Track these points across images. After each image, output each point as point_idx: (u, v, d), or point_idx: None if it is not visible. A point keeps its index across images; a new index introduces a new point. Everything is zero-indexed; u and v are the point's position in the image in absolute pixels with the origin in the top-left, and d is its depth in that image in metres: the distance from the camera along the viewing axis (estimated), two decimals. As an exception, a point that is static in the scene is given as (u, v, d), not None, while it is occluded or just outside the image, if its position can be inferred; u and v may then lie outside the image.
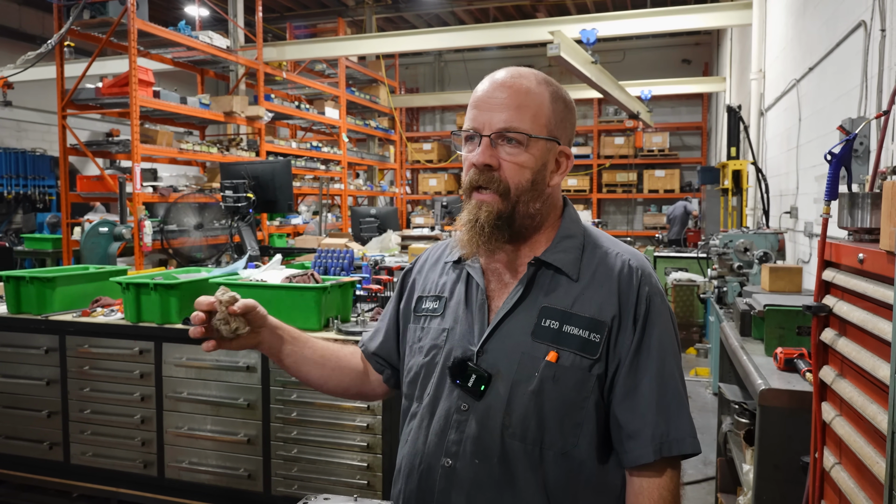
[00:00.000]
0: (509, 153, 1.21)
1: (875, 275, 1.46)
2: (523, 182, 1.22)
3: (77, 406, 3.48)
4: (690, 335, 7.16)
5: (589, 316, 1.21)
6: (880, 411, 1.38)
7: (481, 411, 1.21)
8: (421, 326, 1.36)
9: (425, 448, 1.26)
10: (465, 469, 1.21)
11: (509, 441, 1.19)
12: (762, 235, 4.09)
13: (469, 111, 1.26)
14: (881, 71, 3.04)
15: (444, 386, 1.26)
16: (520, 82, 1.23)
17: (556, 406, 1.19)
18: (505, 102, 1.21)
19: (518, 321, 1.23)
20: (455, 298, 1.33)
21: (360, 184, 13.27)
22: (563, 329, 1.20)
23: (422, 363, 1.32)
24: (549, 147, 1.24)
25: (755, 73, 6.80)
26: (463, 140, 1.27)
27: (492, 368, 1.22)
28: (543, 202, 1.26)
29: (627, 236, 15.33)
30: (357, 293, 3.57)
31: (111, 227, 6.62)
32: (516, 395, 1.19)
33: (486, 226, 1.21)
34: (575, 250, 1.27)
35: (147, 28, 7.30)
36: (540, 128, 1.22)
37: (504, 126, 1.20)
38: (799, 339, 2.41)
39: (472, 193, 1.24)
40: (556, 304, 1.22)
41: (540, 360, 1.19)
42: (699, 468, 4.04)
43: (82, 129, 11.89)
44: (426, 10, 13.47)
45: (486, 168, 1.21)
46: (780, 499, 2.05)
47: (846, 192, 1.80)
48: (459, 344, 1.26)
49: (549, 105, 1.24)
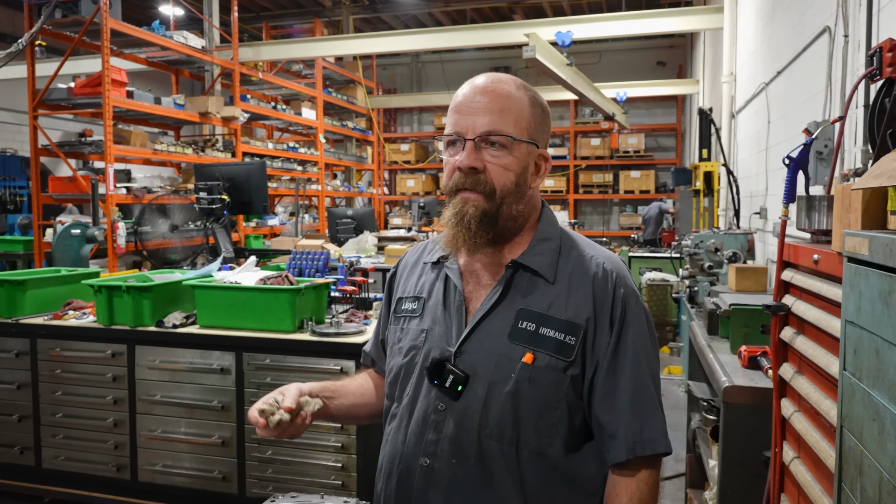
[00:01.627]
0: (493, 156, 1.24)
1: (829, 275, 1.52)
2: (508, 184, 1.25)
3: (49, 410, 3.45)
4: (664, 334, 7.25)
5: (565, 319, 1.23)
6: (833, 406, 1.43)
7: (458, 412, 1.23)
8: (400, 327, 1.38)
9: (404, 448, 1.28)
10: (443, 469, 1.23)
11: (486, 441, 1.21)
12: (732, 236, 4.18)
13: (450, 116, 1.28)
14: (844, 76, 3.12)
15: (422, 386, 1.28)
16: (501, 87, 1.26)
17: (532, 407, 1.21)
18: (487, 106, 1.24)
19: (495, 323, 1.26)
20: (433, 299, 1.34)
21: (338, 185, 13.23)
22: (539, 331, 1.22)
23: (401, 364, 1.33)
24: (529, 150, 1.28)
25: (726, 76, 6.92)
26: (445, 144, 1.29)
27: (469, 369, 1.24)
28: (525, 204, 1.29)
29: (604, 237, 15.47)
30: (332, 295, 3.58)
31: (84, 228, 6.53)
32: (493, 395, 1.22)
33: (473, 221, 1.23)
34: (552, 253, 1.29)
35: (120, 27, 7.22)
36: (521, 131, 1.26)
37: (488, 129, 1.23)
38: (763, 338, 2.47)
39: (458, 193, 1.26)
40: (533, 307, 1.25)
41: (516, 361, 1.21)
42: (671, 465, 4.10)
43: (54, 129, 11.71)
44: (403, 11, 13.47)
45: (471, 171, 1.24)
46: (743, 493, 2.10)
47: (804, 195, 1.86)
48: (437, 345, 1.28)
49: (528, 109, 1.27)
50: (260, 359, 3.11)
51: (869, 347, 1.07)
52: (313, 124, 11.66)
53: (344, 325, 3.15)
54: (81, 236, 6.44)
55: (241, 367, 3.13)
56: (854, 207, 1.28)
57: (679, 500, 3.64)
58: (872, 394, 1.05)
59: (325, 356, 3.02)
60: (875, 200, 1.24)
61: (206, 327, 3.25)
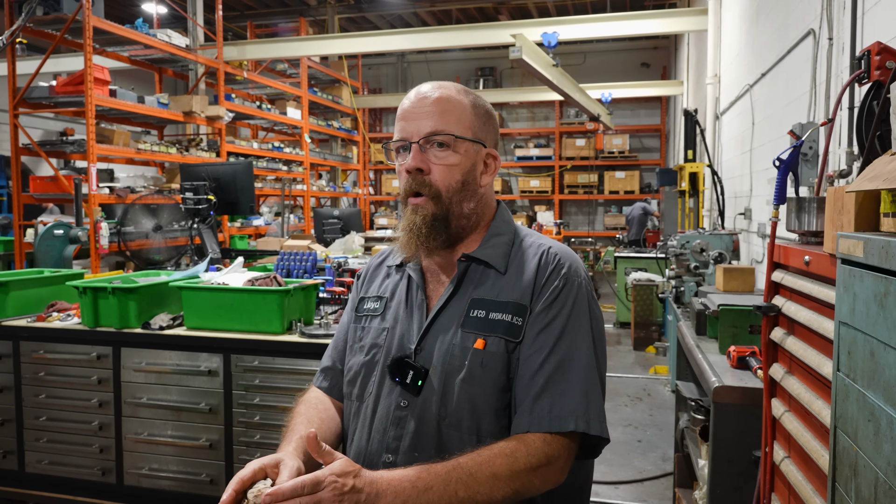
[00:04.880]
0: (438, 156, 1.29)
1: (820, 276, 1.53)
2: (453, 183, 1.30)
3: (32, 413, 3.40)
4: (650, 334, 7.29)
5: (512, 301, 1.27)
6: (825, 406, 1.44)
7: (419, 406, 1.25)
8: (361, 326, 1.41)
9: (368, 447, 1.29)
10: (405, 463, 1.23)
11: (446, 431, 1.23)
12: (717, 236, 4.21)
13: (397, 123, 1.33)
14: (829, 78, 3.15)
15: (384, 384, 1.30)
16: (441, 92, 1.32)
17: (488, 391, 1.22)
18: (429, 110, 1.30)
19: (450, 315, 1.29)
20: (396, 299, 1.39)
21: (323, 185, 13.18)
22: (489, 316, 1.26)
23: (362, 362, 1.35)
24: (475, 149, 1.33)
25: (711, 77, 6.98)
26: (396, 152, 1.34)
27: (427, 363, 1.27)
28: (477, 202, 1.35)
29: (589, 237, 15.55)
30: (320, 295, 3.56)
31: (67, 229, 6.45)
32: (449, 385, 1.24)
33: (424, 227, 1.28)
34: (504, 246, 1.34)
35: (103, 25, 7.14)
36: (465, 130, 1.31)
37: (430, 130, 1.29)
38: (751, 338, 2.49)
39: (408, 200, 1.32)
40: (485, 296, 1.29)
41: (469, 349, 1.24)
42: (658, 464, 4.13)
43: (35, 128, 11.55)
44: (389, 10, 13.45)
45: (417, 172, 1.29)
46: (733, 492, 2.12)
47: (794, 196, 1.87)
48: (398, 343, 1.32)
49: (470, 110, 1.33)
50: (248, 360, 3.09)
51: (864, 349, 1.08)
52: (298, 124, 11.61)
53: (333, 326, 3.14)
54: (64, 237, 6.36)
55: (229, 369, 3.11)
56: (847, 209, 1.29)
57: (667, 500, 3.67)
58: (867, 395, 1.06)
59: (313, 358, 3.00)
60: (868, 202, 1.25)
61: (193, 329, 3.22)
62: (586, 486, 1.37)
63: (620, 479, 3.91)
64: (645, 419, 5.05)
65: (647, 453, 4.34)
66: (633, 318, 7.30)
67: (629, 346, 7.45)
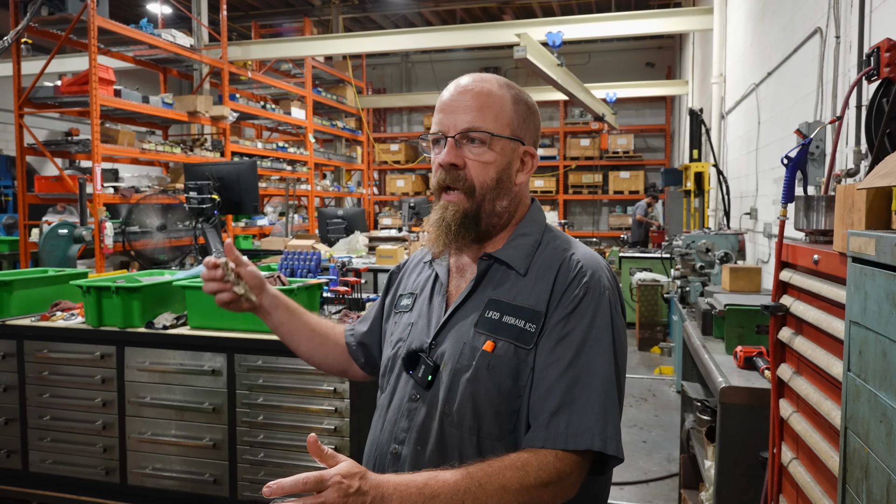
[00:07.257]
0: (473, 152, 1.26)
1: (829, 275, 1.51)
2: (488, 180, 1.27)
3: (36, 412, 3.39)
4: (654, 334, 7.26)
5: (527, 306, 1.24)
6: (834, 407, 1.42)
7: (428, 401, 1.26)
8: (394, 321, 1.43)
9: (380, 436, 1.31)
10: (408, 455, 1.25)
11: (448, 428, 1.23)
12: (723, 236, 4.19)
13: (435, 115, 1.31)
14: (836, 77, 3.13)
15: (401, 377, 1.32)
16: (482, 86, 1.29)
17: (492, 394, 1.21)
18: (468, 105, 1.27)
19: (466, 313, 1.28)
20: (423, 295, 1.39)
21: (327, 185, 13.18)
22: (502, 320, 1.24)
23: (389, 356, 1.38)
24: (513, 146, 1.29)
25: (716, 77, 6.95)
26: (431, 144, 1.33)
27: (439, 359, 1.26)
28: (511, 200, 1.31)
29: (593, 237, 15.52)
30: (324, 295, 3.55)
31: (71, 228, 6.46)
32: (455, 383, 1.23)
33: (453, 224, 1.26)
34: (527, 247, 1.30)
35: (107, 25, 7.14)
36: (502, 127, 1.28)
37: (467, 126, 1.26)
38: (758, 338, 2.47)
39: (441, 194, 1.30)
40: (502, 297, 1.26)
41: (478, 349, 1.23)
42: (663, 465, 4.11)
43: (40, 128, 11.59)
44: (393, 10, 13.44)
45: (451, 167, 1.27)
46: (740, 493, 2.10)
47: (802, 194, 1.85)
48: (417, 337, 1.32)
49: (510, 106, 1.29)
50: (252, 360, 3.08)
51: (875, 348, 1.06)
52: (303, 124, 11.61)
53: (337, 325, 3.13)
54: (69, 236, 6.37)
55: (233, 369, 3.10)
56: (858, 207, 1.27)
57: (673, 501, 3.64)
58: (879, 395, 1.04)
59: (317, 357, 2.99)
60: (879, 200, 1.23)
61: (196, 328, 3.21)
62: (602, 495, 1.33)
63: (625, 480, 3.89)
64: (650, 420, 5.03)
65: (652, 454, 4.32)
66: (637, 319, 7.27)
67: (634, 346, 7.42)
